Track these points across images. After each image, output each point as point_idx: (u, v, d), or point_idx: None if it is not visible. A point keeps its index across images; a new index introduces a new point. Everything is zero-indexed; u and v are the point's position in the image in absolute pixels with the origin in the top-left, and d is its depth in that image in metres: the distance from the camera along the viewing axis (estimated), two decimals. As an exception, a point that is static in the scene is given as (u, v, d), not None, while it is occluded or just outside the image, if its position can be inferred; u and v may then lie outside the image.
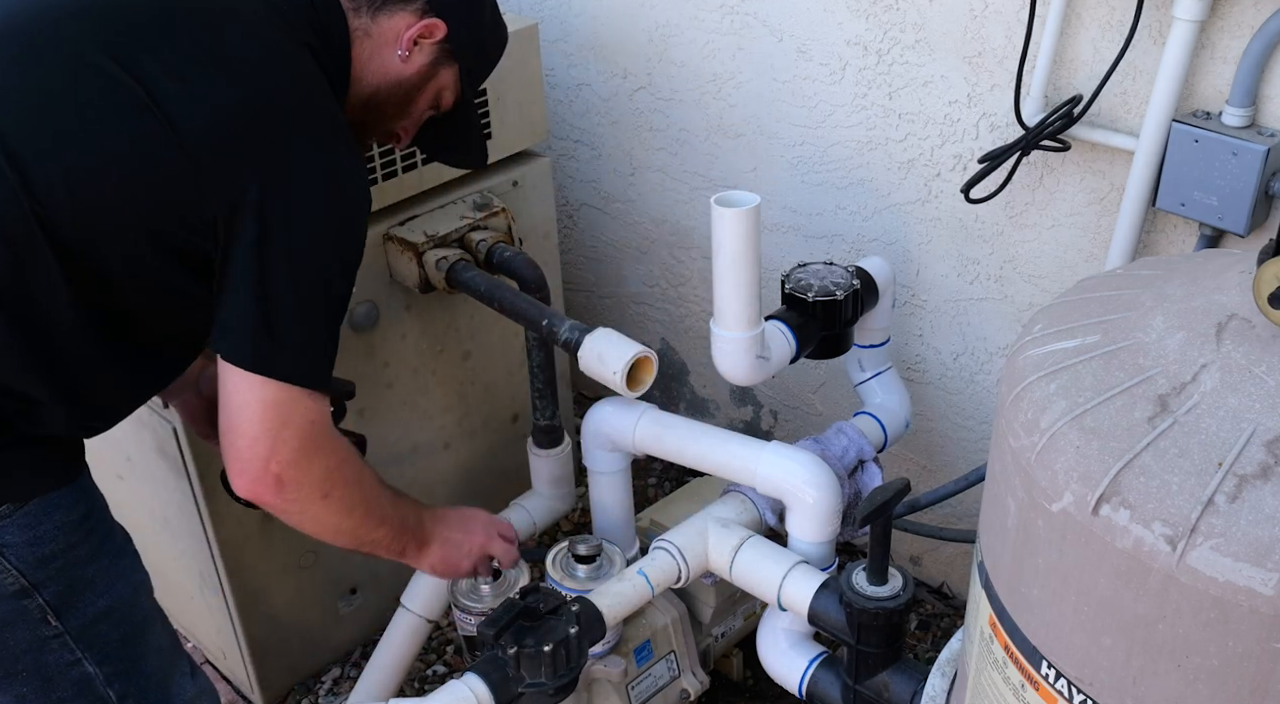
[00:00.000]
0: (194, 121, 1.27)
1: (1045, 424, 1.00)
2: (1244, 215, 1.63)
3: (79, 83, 1.26)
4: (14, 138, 1.24)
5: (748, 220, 1.58)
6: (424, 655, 2.36)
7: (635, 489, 2.00)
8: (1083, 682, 1.01)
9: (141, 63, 1.27)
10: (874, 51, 2.03)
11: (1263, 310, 0.96)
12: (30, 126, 1.25)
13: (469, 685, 1.52)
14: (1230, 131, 1.62)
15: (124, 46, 1.28)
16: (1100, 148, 1.81)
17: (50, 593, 1.35)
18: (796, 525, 1.73)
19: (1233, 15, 1.60)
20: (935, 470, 2.33)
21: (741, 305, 1.66)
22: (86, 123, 1.25)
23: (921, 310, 2.20)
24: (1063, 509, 0.96)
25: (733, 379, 1.76)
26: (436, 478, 2.34)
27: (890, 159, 2.11)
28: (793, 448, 1.75)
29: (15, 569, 1.32)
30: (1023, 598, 1.06)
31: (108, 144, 1.26)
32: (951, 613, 2.41)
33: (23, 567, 1.33)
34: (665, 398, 2.85)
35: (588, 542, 1.83)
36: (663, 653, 1.94)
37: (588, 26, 2.50)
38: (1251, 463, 0.91)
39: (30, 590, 1.34)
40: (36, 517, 1.33)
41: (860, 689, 1.59)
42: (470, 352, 2.29)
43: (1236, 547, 0.88)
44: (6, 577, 1.32)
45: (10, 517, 1.31)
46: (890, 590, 1.52)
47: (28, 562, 1.33)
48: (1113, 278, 1.17)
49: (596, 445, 1.87)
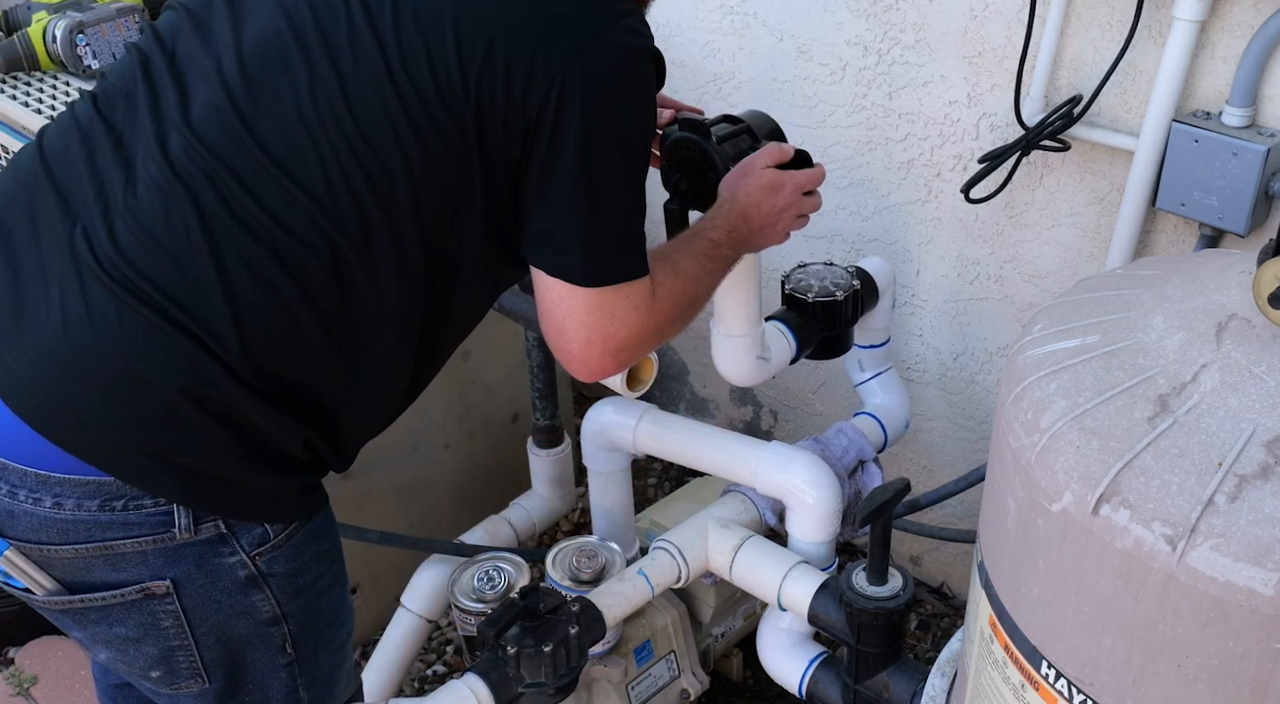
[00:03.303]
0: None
1: (1045, 424, 1.00)
2: (1244, 215, 1.63)
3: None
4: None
5: (748, 220, 1.58)
6: (424, 655, 2.36)
7: (635, 489, 2.00)
8: (1083, 682, 1.01)
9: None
10: (874, 51, 2.04)
11: (1263, 310, 0.96)
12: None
13: (469, 685, 1.52)
14: (1230, 131, 1.62)
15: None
16: (1100, 148, 1.81)
17: (295, 623, 1.33)
18: (796, 525, 1.73)
19: (1233, 15, 1.60)
20: (935, 470, 2.33)
21: (741, 306, 1.66)
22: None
23: (921, 310, 2.20)
24: (1063, 509, 0.96)
25: (733, 380, 1.76)
26: (436, 478, 2.34)
27: (890, 159, 2.11)
28: (793, 448, 1.75)
29: (274, 598, 1.30)
30: (1023, 598, 1.06)
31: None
32: (951, 613, 2.41)
33: (281, 596, 1.30)
34: (665, 398, 2.85)
35: (592, 558, 1.83)
36: (663, 653, 1.94)
37: (588, 26, 2.49)
38: (1251, 463, 0.91)
39: (281, 619, 1.31)
40: (300, 547, 1.30)
41: (860, 689, 1.59)
42: (470, 352, 2.30)
43: (1236, 547, 0.88)
44: (265, 604, 1.30)
45: (283, 547, 1.28)
46: (890, 590, 1.52)
47: (286, 592, 1.30)
48: (1113, 278, 1.17)
49: (596, 445, 1.87)
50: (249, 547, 1.26)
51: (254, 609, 1.29)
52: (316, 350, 1.22)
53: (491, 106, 1.20)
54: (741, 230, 1.47)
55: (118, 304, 1.16)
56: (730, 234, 1.45)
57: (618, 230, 1.27)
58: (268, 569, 1.28)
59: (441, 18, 1.19)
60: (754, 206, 1.48)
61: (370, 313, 1.24)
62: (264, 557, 1.27)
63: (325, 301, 1.21)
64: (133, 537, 1.20)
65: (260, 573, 1.28)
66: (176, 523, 1.20)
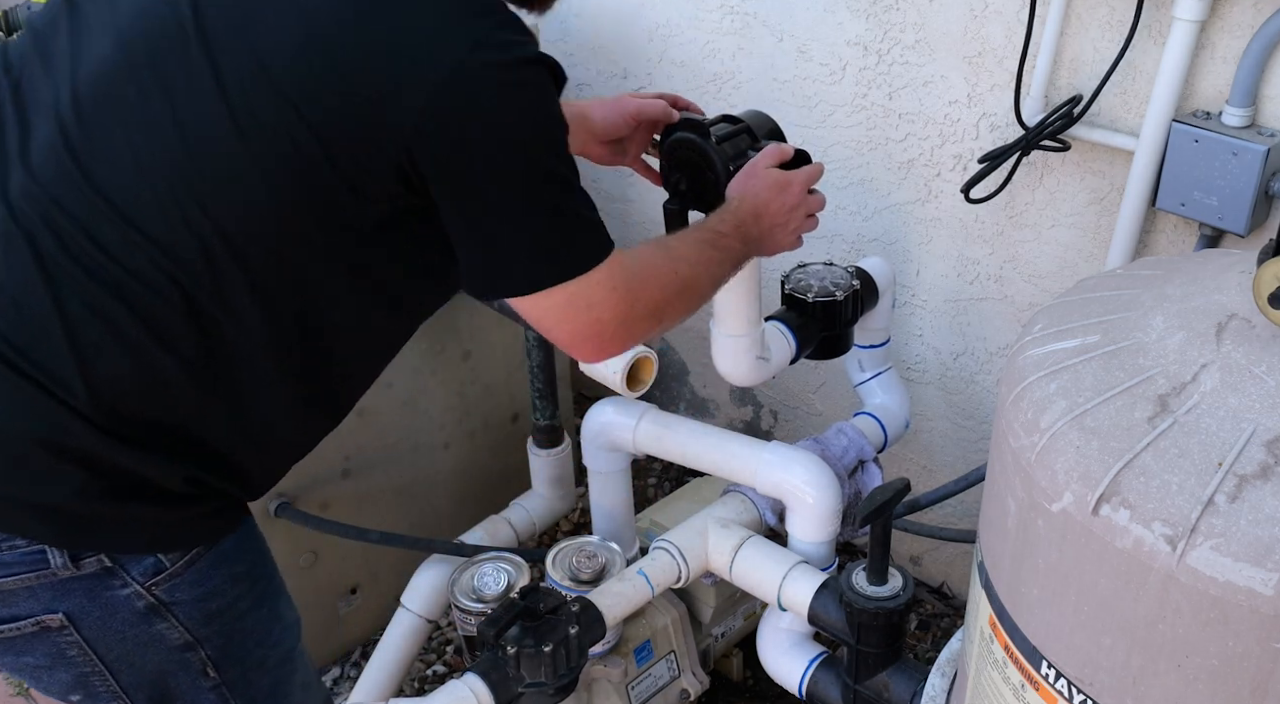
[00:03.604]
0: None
1: (1045, 424, 1.00)
2: (1244, 215, 1.63)
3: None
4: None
5: (748, 220, 1.58)
6: (424, 655, 2.36)
7: (635, 489, 2.00)
8: (1083, 682, 1.01)
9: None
10: (874, 51, 2.03)
11: (1263, 310, 0.96)
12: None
13: (469, 685, 1.52)
14: (1230, 131, 1.62)
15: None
16: (1100, 148, 1.81)
17: (212, 647, 1.30)
18: (796, 525, 1.73)
19: (1233, 15, 1.60)
20: (935, 470, 2.33)
21: (741, 306, 1.66)
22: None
23: (921, 310, 2.20)
24: (1063, 509, 0.96)
25: (733, 380, 1.76)
26: (436, 478, 2.34)
27: (890, 159, 2.11)
28: (793, 448, 1.75)
29: (182, 625, 1.26)
30: (1023, 598, 1.06)
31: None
32: (951, 613, 2.41)
33: (190, 623, 1.27)
34: (665, 398, 2.85)
35: (592, 558, 1.83)
36: (663, 653, 1.94)
37: (588, 26, 2.50)
38: (1251, 463, 0.91)
39: (195, 645, 1.28)
40: (206, 572, 1.26)
41: (860, 689, 1.59)
42: (470, 351, 2.30)
43: (1236, 547, 0.88)
44: (173, 632, 1.26)
45: (182, 574, 1.24)
46: (890, 590, 1.52)
47: (195, 618, 1.27)
48: (1113, 278, 1.17)
49: (596, 445, 1.87)
50: (142, 578, 1.22)
51: (162, 637, 1.26)
52: (181, 391, 1.18)
53: (343, 143, 1.14)
54: (751, 228, 1.45)
55: None
56: (738, 228, 1.43)
57: (550, 233, 1.22)
58: (169, 597, 1.24)
59: (283, 49, 1.13)
60: (764, 205, 1.47)
61: (239, 349, 1.20)
62: (161, 586, 1.23)
63: (182, 343, 1.17)
64: (13, 575, 1.18)
65: (161, 602, 1.24)
66: (51, 561, 1.18)
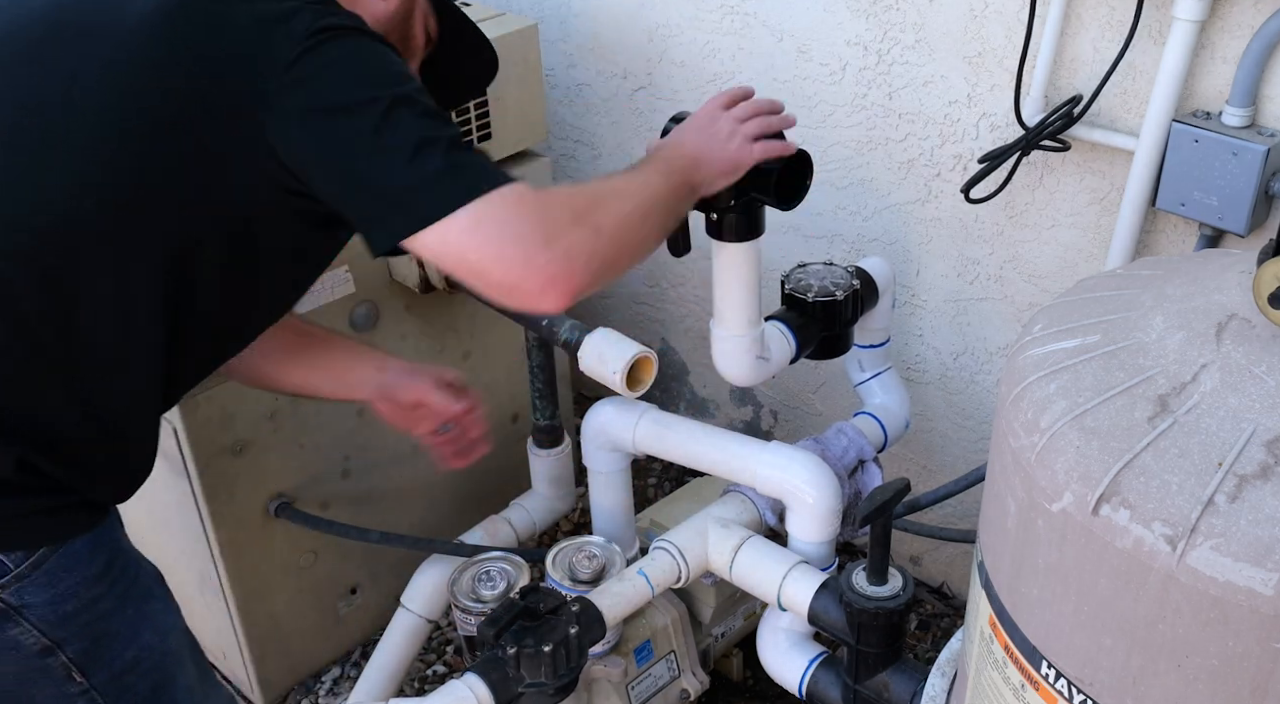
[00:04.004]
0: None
1: (1045, 424, 1.00)
2: (1244, 215, 1.63)
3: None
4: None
5: (748, 220, 1.58)
6: (424, 655, 2.36)
7: (635, 489, 2.00)
8: (1083, 682, 1.01)
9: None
10: (874, 51, 2.03)
11: (1263, 310, 0.96)
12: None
13: (469, 685, 1.52)
14: (1230, 131, 1.62)
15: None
16: (1100, 148, 1.81)
17: (74, 650, 1.28)
18: (796, 525, 1.73)
19: (1233, 15, 1.60)
20: (935, 470, 2.33)
21: (741, 306, 1.66)
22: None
23: (921, 310, 2.20)
24: (1063, 509, 0.96)
25: (733, 379, 1.76)
26: (437, 478, 2.33)
27: (890, 159, 2.11)
28: (793, 448, 1.75)
29: (37, 629, 1.25)
30: (1023, 598, 1.06)
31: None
32: (951, 613, 2.41)
33: (44, 626, 1.25)
34: (665, 398, 2.85)
35: (592, 558, 1.83)
36: (663, 653, 1.93)
37: (588, 27, 2.50)
38: (1251, 463, 0.91)
39: (53, 648, 1.26)
40: (56, 573, 1.25)
41: (860, 689, 1.59)
42: (470, 351, 2.30)
43: (1236, 547, 0.88)
44: (28, 637, 1.25)
45: (29, 576, 1.23)
46: (890, 590, 1.52)
47: (49, 621, 1.25)
48: (1113, 278, 1.17)
49: (596, 445, 1.87)
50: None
51: (17, 643, 1.25)
52: (14, 364, 1.20)
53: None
54: (673, 154, 1.41)
55: None
56: (657, 154, 1.41)
57: (424, 162, 1.16)
58: (19, 601, 1.23)
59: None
60: (682, 132, 1.45)
61: (92, 324, 1.22)
62: (8, 589, 1.22)
63: (30, 317, 1.19)
64: None
65: (10, 606, 1.23)
66: None
